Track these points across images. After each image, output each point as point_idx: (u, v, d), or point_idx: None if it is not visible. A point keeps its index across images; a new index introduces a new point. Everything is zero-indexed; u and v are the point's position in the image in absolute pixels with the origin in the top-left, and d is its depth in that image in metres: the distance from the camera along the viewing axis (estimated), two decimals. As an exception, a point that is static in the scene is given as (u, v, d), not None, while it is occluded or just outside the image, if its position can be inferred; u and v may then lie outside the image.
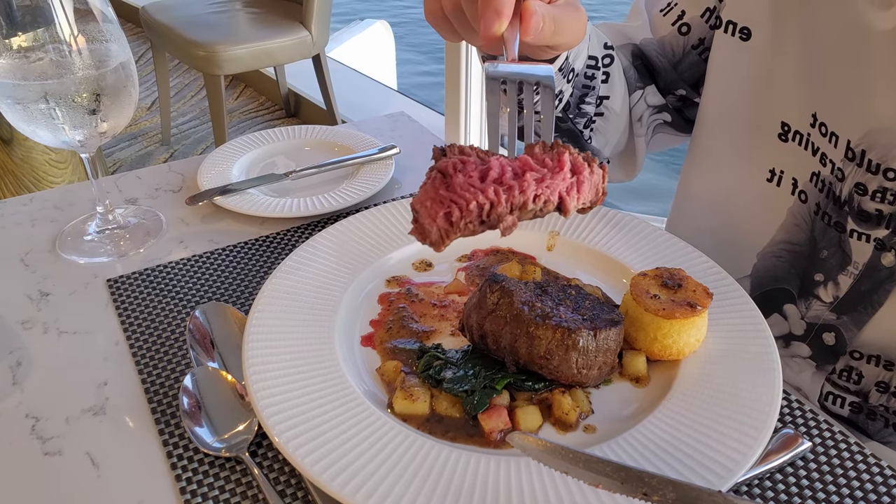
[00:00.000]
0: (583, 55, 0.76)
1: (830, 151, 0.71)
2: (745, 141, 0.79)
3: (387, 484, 0.49)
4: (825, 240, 0.74)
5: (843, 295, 0.73)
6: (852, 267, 0.72)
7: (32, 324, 0.70)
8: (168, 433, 0.58)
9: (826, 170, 0.71)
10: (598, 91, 0.82)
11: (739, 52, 0.77)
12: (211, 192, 0.86)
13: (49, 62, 0.70)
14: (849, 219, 0.70)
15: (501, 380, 0.57)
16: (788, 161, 0.75)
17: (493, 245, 0.76)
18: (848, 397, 0.76)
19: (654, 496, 0.46)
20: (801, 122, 0.73)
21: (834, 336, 0.75)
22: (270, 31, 2.78)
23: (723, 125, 0.82)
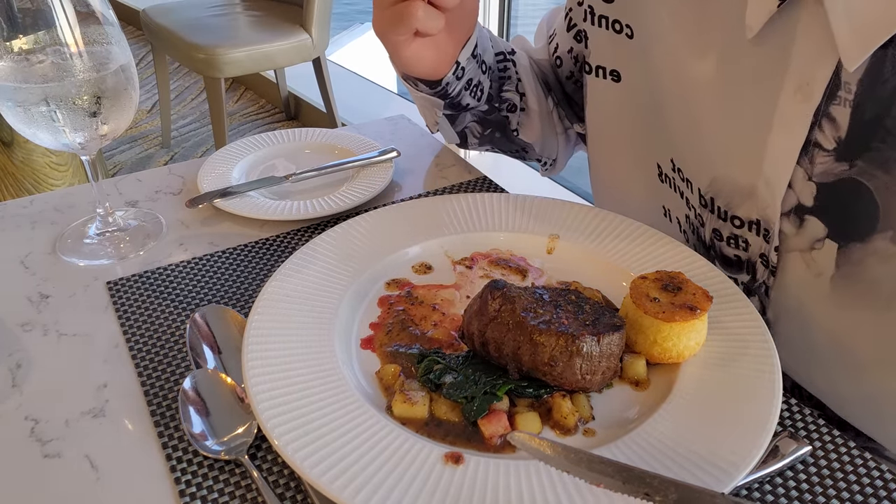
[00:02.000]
0: (489, 52, 0.84)
1: (690, 197, 0.72)
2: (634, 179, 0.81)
3: (386, 487, 0.49)
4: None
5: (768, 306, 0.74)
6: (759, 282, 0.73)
7: (32, 326, 0.70)
8: (167, 436, 0.58)
9: (692, 213, 0.73)
10: (515, 81, 0.88)
11: (613, 92, 0.79)
12: (211, 195, 0.86)
13: (50, 65, 0.70)
14: (716, 262, 0.72)
15: (503, 386, 0.57)
16: (669, 201, 0.77)
17: (494, 247, 0.76)
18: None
19: (655, 497, 0.46)
20: (666, 166, 0.75)
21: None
22: (271, 34, 2.79)
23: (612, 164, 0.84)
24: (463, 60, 0.81)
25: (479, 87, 0.85)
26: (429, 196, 0.84)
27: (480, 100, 0.87)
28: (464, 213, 0.79)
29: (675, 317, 0.59)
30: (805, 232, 0.65)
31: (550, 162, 1.01)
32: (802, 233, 0.65)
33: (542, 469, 0.51)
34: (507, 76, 0.88)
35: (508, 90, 0.89)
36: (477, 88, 0.85)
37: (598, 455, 0.49)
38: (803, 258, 0.65)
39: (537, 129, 0.93)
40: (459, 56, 0.80)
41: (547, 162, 1.01)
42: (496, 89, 0.88)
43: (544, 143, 0.96)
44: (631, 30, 0.74)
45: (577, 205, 0.80)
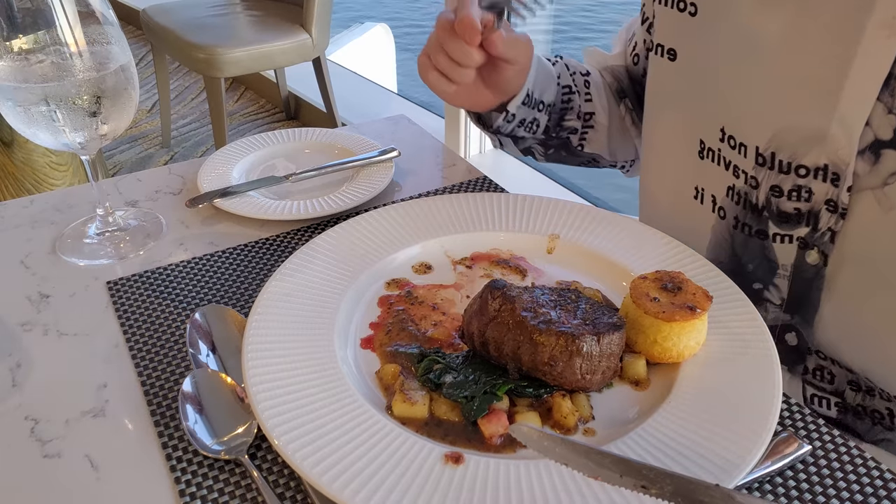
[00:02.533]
0: (551, 90, 0.88)
1: (741, 162, 0.73)
2: (673, 160, 0.82)
3: (386, 486, 0.49)
4: (747, 253, 0.75)
5: (786, 296, 0.75)
6: (782, 270, 0.73)
7: (32, 326, 0.70)
8: (167, 435, 0.58)
9: (740, 181, 0.73)
10: (578, 110, 0.92)
11: (669, 72, 0.81)
12: (211, 195, 0.86)
13: (50, 64, 0.70)
14: (769, 223, 0.72)
15: (502, 386, 0.57)
16: (707, 178, 0.77)
17: (494, 247, 0.76)
18: (831, 398, 0.76)
19: (652, 489, 0.46)
20: (713, 139, 0.75)
21: (795, 336, 0.76)
22: (271, 34, 2.79)
23: (657, 144, 0.86)
24: (513, 109, 0.85)
25: (534, 123, 0.89)
26: (429, 196, 0.84)
27: (536, 133, 0.91)
28: (464, 213, 0.79)
29: (675, 316, 0.59)
30: (880, 168, 0.65)
31: (629, 164, 1.04)
32: (876, 169, 0.65)
33: (542, 469, 0.51)
34: (570, 107, 0.91)
35: (569, 119, 0.92)
36: (532, 125, 0.89)
37: (595, 447, 0.49)
38: (875, 195, 0.66)
39: (604, 141, 0.96)
40: (509, 105, 0.84)
41: (625, 165, 1.04)
42: (555, 121, 0.91)
43: (616, 151, 0.99)
44: (695, 7, 0.76)
45: (578, 205, 0.80)
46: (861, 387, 0.73)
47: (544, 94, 0.88)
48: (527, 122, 0.88)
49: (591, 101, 0.93)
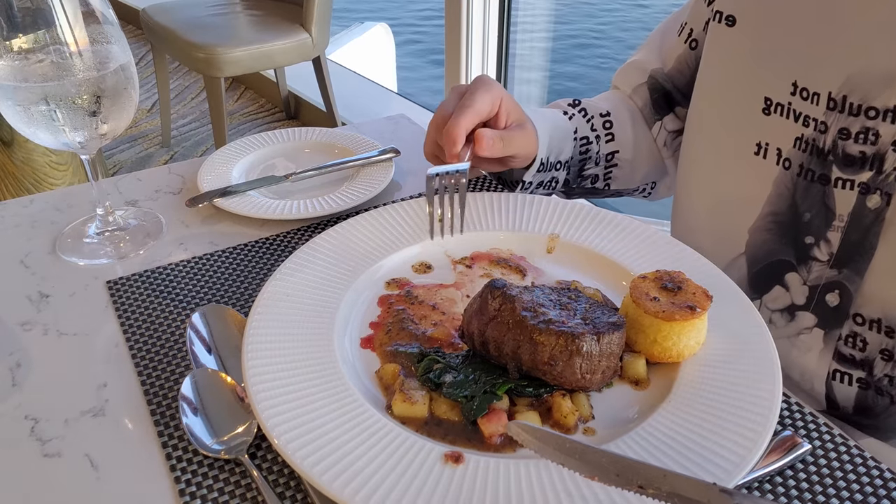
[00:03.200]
0: (567, 149, 0.91)
1: (812, 111, 0.74)
2: (733, 121, 0.83)
3: (386, 486, 0.49)
4: (807, 201, 0.75)
5: (836, 250, 0.74)
6: (837, 221, 0.73)
7: (32, 325, 0.70)
8: (167, 435, 0.58)
9: (809, 129, 0.74)
10: (596, 157, 0.95)
11: (726, 37, 0.82)
12: (211, 194, 0.86)
13: (49, 64, 0.70)
14: (833, 167, 0.73)
15: (502, 385, 0.57)
16: (772, 132, 0.78)
17: (493, 247, 0.76)
18: (855, 373, 0.76)
19: (649, 489, 0.45)
20: (782, 93, 0.76)
21: (838, 294, 0.75)
22: (271, 34, 2.79)
23: (712, 108, 0.86)
24: (529, 178, 0.87)
25: (553, 181, 0.92)
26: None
27: (556, 188, 0.94)
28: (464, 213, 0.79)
29: (675, 316, 0.59)
30: None
31: (651, 186, 1.06)
32: None
33: (541, 468, 0.51)
34: (588, 157, 0.95)
35: (589, 168, 0.96)
36: (551, 182, 0.92)
37: (591, 446, 0.49)
38: None
39: (629, 175, 1.00)
40: (525, 176, 0.87)
41: (645, 188, 1.06)
42: (575, 174, 0.95)
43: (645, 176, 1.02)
44: None
45: (578, 204, 0.80)
46: (893, 356, 0.73)
47: (561, 153, 0.90)
48: (545, 182, 0.91)
49: (612, 141, 0.96)
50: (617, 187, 1.00)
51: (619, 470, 0.47)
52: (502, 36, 2.93)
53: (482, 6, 2.80)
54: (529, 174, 0.87)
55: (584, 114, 0.95)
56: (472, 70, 2.89)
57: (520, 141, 0.81)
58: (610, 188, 1.00)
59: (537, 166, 0.87)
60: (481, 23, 2.83)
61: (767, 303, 0.81)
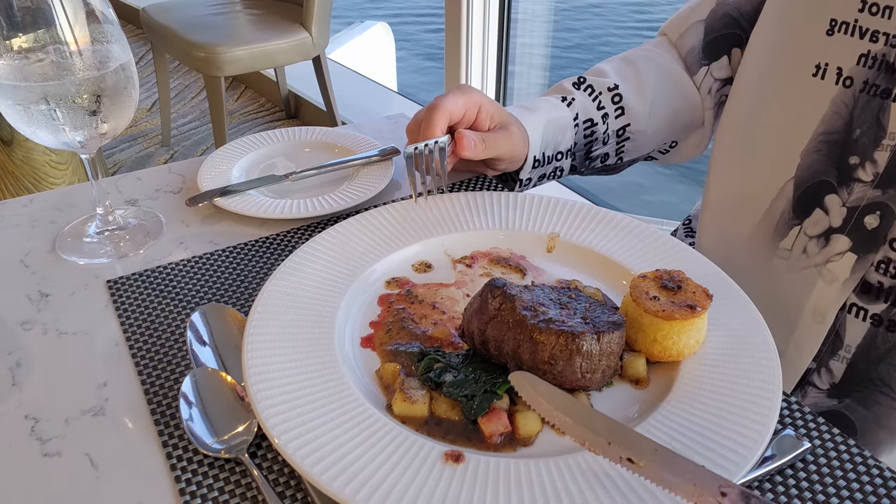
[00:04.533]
0: (567, 135, 0.91)
1: (883, 25, 0.73)
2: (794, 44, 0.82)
3: (386, 485, 0.49)
4: (862, 116, 0.75)
5: (882, 170, 0.74)
6: (887, 139, 0.73)
7: (32, 325, 0.70)
8: (167, 434, 0.58)
9: (877, 45, 0.74)
10: (605, 135, 0.94)
11: None
12: (211, 194, 0.86)
13: (49, 63, 0.70)
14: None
15: (503, 385, 0.57)
16: (834, 52, 0.77)
17: (494, 246, 0.76)
18: (871, 308, 0.77)
19: (639, 462, 0.45)
20: (849, 12, 0.76)
21: (878, 216, 0.75)
22: (271, 33, 2.79)
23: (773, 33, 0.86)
24: (525, 175, 0.88)
25: (556, 170, 0.92)
26: (430, 195, 0.84)
27: (562, 176, 0.94)
28: (464, 212, 0.79)
29: (675, 315, 0.59)
30: None
31: (668, 146, 1.04)
32: None
33: (542, 467, 0.51)
34: (594, 138, 0.94)
35: (597, 149, 0.95)
36: (556, 172, 0.92)
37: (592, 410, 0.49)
38: None
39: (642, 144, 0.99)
40: (521, 174, 0.87)
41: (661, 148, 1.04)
42: (581, 158, 0.95)
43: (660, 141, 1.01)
44: None
45: (578, 203, 0.80)
46: None
47: (560, 145, 0.90)
48: (547, 174, 0.91)
49: (622, 115, 0.95)
50: (631, 158, 1.00)
51: (612, 438, 0.46)
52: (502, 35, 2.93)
53: (482, 6, 2.80)
54: (524, 172, 0.87)
55: (589, 92, 0.94)
56: (473, 70, 2.89)
57: (502, 143, 0.82)
58: (623, 161, 0.99)
59: (531, 164, 0.86)
60: (481, 23, 2.83)
61: (807, 228, 0.80)
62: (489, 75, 2.96)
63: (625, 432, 0.47)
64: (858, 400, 0.81)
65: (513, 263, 0.74)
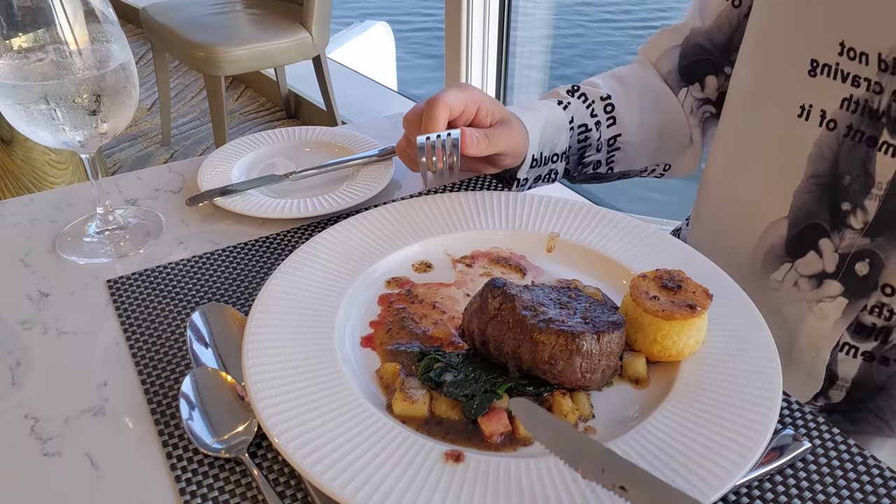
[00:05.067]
0: (563, 137, 0.91)
1: (863, 71, 0.73)
2: (777, 84, 0.82)
3: (386, 485, 0.49)
4: (849, 163, 0.75)
5: (871, 218, 0.74)
6: (876, 188, 0.73)
7: (32, 324, 0.70)
8: (168, 434, 0.58)
9: (860, 90, 0.73)
10: (597, 143, 0.95)
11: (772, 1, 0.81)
12: (211, 193, 0.86)
13: (49, 63, 0.70)
14: (884, 131, 0.72)
15: (503, 384, 0.57)
16: (817, 94, 0.77)
17: (494, 246, 0.76)
18: (863, 346, 0.77)
19: (630, 492, 0.45)
20: (829, 55, 0.75)
21: (867, 263, 0.75)
22: (271, 33, 2.79)
23: (756, 72, 0.85)
24: (522, 175, 0.88)
25: (552, 173, 0.92)
26: (429, 194, 0.84)
27: (556, 180, 0.94)
28: (464, 212, 0.79)
29: (675, 315, 0.59)
30: None
31: (661, 168, 1.05)
32: None
33: (542, 467, 0.51)
34: (588, 144, 0.94)
35: (590, 155, 0.95)
36: (550, 174, 0.92)
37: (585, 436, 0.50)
38: None
39: (633, 157, 0.99)
40: (518, 173, 0.87)
41: (655, 169, 1.05)
42: (575, 162, 0.95)
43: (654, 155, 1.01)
44: None
45: (578, 203, 0.80)
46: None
47: (556, 146, 0.90)
48: (542, 176, 0.91)
49: (614, 125, 0.95)
50: (621, 169, 1.00)
51: (606, 466, 0.47)
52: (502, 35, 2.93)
53: (482, 6, 2.80)
54: (522, 171, 0.87)
55: (583, 99, 0.94)
56: (473, 70, 2.89)
57: (505, 138, 0.82)
58: (614, 171, 0.99)
59: (529, 163, 0.87)
60: (481, 23, 2.83)
61: (798, 267, 0.80)
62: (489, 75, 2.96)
63: (618, 461, 0.48)
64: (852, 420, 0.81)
65: (513, 263, 0.74)
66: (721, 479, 0.49)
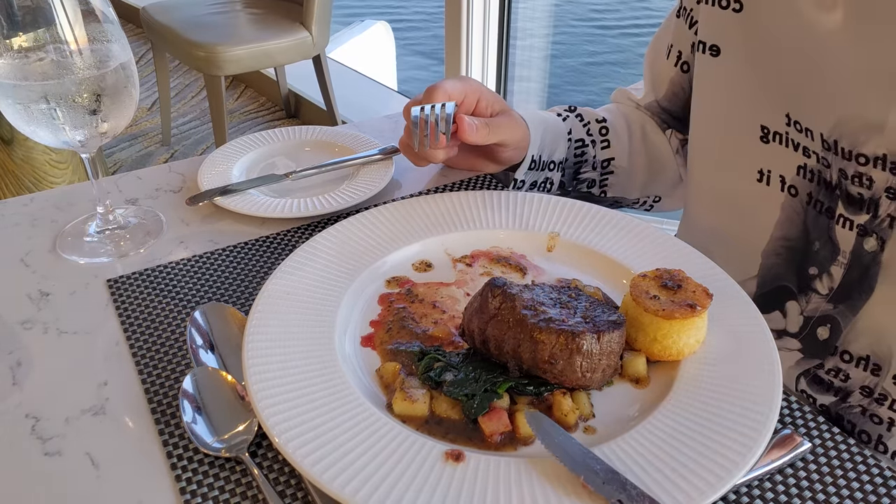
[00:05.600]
0: (561, 149, 0.91)
1: (810, 144, 0.73)
2: (731, 147, 0.83)
3: (387, 484, 0.49)
4: (817, 230, 0.76)
5: (836, 286, 0.75)
6: (841, 256, 0.74)
7: (32, 324, 0.70)
8: (168, 433, 0.58)
9: (811, 160, 0.74)
10: (593, 161, 0.94)
11: (713, 67, 0.82)
12: (211, 193, 0.86)
13: (50, 63, 0.70)
14: (839, 203, 0.73)
15: (503, 384, 0.57)
16: (773, 160, 0.78)
17: (494, 245, 0.76)
18: (819, 398, 0.78)
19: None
20: (778, 123, 0.76)
21: (828, 329, 0.76)
22: (271, 32, 2.79)
23: (710, 135, 0.86)
24: (521, 175, 0.87)
25: (547, 181, 0.92)
26: (429, 194, 0.84)
27: (552, 190, 0.94)
28: (464, 211, 0.79)
29: (675, 314, 0.59)
30: None
31: (653, 200, 1.05)
32: None
33: (542, 467, 0.51)
34: (584, 159, 0.94)
35: (585, 171, 0.95)
36: (546, 183, 0.92)
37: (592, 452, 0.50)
38: None
39: (625, 184, 0.99)
40: (517, 173, 0.87)
41: (646, 201, 1.05)
42: (570, 176, 0.94)
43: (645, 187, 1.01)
44: (740, 3, 0.77)
45: (578, 203, 0.80)
46: (873, 393, 0.74)
47: (554, 153, 0.90)
48: (538, 182, 0.91)
49: (608, 148, 0.95)
50: (614, 195, 1.00)
51: (607, 479, 0.48)
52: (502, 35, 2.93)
53: (482, 6, 2.80)
54: (521, 172, 0.87)
55: (580, 118, 0.95)
56: (473, 70, 2.89)
57: (506, 127, 0.81)
58: (606, 195, 0.99)
59: (528, 164, 0.86)
60: (481, 23, 2.83)
61: None
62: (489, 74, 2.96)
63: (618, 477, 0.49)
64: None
65: (513, 262, 0.74)
66: (721, 478, 0.49)
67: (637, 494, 0.47)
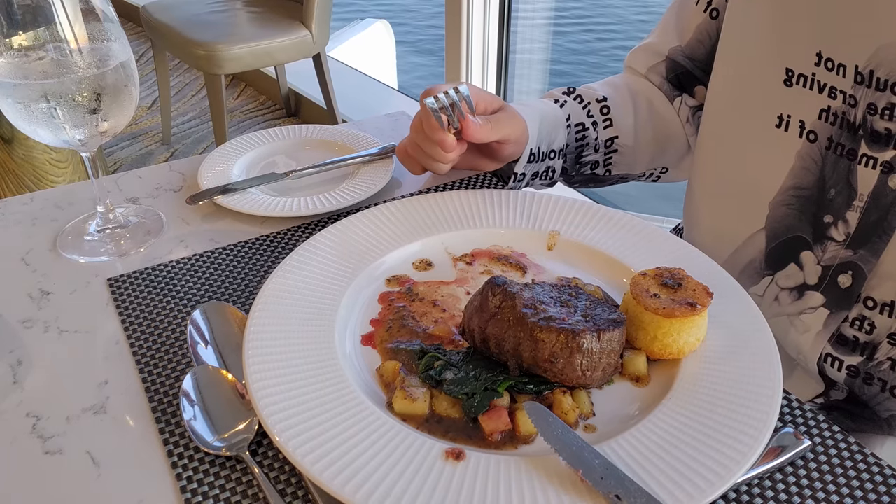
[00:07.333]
0: (561, 134, 0.90)
1: (839, 83, 0.72)
2: (752, 94, 0.81)
3: (387, 483, 0.49)
4: (834, 176, 0.74)
5: (853, 230, 0.74)
6: (857, 200, 0.73)
7: (33, 323, 0.70)
8: (168, 432, 0.58)
9: (836, 102, 0.73)
10: (595, 142, 0.94)
11: (746, 4, 0.81)
12: (211, 192, 0.86)
13: (50, 61, 0.70)
14: (862, 143, 0.71)
15: (503, 382, 0.57)
16: (794, 105, 0.77)
17: (494, 244, 0.76)
18: (847, 359, 0.76)
19: (624, 501, 0.47)
20: (805, 65, 0.75)
21: (850, 276, 0.75)
22: (271, 31, 2.78)
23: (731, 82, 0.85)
24: (521, 169, 0.87)
25: (549, 170, 0.91)
26: (429, 193, 0.84)
27: (554, 178, 0.93)
28: (464, 210, 0.79)
29: (676, 313, 0.59)
30: None
31: (659, 171, 1.04)
32: None
33: (542, 465, 0.51)
34: (586, 143, 0.94)
35: (587, 154, 0.95)
36: (548, 172, 0.92)
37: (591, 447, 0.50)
38: None
39: (630, 160, 0.98)
40: (516, 167, 0.87)
41: (653, 173, 1.04)
42: (573, 161, 0.94)
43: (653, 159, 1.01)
44: None
45: (578, 201, 0.80)
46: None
47: (553, 142, 0.90)
48: (540, 172, 0.90)
49: (610, 127, 0.95)
50: (619, 172, 0.99)
51: (605, 474, 0.48)
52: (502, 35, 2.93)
53: (482, 6, 2.80)
54: (520, 165, 0.86)
55: (579, 100, 0.94)
56: (473, 70, 2.89)
57: (507, 123, 0.81)
58: (611, 174, 0.99)
59: (527, 157, 0.86)
60: (481, 22, 2.83)
61: (779, 280, 0.80)
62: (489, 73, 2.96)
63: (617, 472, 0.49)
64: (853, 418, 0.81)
65: (513, 261, 0.74)
66: (721, 476, 0.49)
67: (635, 489, 0.47)
